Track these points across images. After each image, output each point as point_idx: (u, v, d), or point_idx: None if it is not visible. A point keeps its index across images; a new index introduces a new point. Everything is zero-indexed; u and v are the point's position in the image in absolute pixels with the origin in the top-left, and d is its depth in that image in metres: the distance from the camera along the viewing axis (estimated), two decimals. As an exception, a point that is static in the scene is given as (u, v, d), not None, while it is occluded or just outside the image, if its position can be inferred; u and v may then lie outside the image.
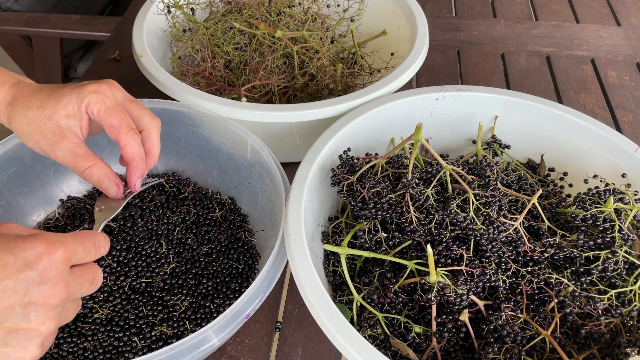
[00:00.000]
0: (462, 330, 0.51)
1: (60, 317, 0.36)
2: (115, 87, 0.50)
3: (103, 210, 0.55)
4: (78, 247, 0.37)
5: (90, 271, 0.39)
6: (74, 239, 0.37)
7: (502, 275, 0.53)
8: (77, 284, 0.37)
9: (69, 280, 0.36)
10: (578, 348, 0.51)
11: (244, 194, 0.69)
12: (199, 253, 0.63)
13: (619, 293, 0.51)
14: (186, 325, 0.56)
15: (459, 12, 1.17)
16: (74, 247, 0.37)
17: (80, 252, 0.38)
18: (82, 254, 0.38)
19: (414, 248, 0.56)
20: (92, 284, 0.39)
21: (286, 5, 0.80)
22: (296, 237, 0.50)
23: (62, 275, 0.35)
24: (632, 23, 1.14)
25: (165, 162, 0.73)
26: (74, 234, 0.38)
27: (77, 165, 0.49)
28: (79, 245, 0.37)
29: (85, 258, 0.39)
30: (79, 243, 0.38)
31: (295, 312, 0.62)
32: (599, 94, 0.95)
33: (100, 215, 0.55)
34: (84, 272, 0.38)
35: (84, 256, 0.38)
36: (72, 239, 0.37)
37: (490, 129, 0.69)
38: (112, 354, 0.54)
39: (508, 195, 0.56)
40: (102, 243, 0.41)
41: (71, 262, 0.37)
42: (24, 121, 0.48)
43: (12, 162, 0.62)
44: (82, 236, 0.39)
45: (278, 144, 0.69)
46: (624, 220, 0.52)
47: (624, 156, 0.61)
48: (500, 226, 0.52)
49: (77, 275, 0.37)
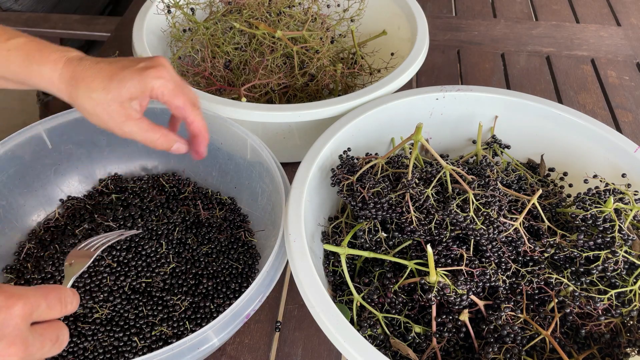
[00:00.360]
0: (462, 330, 0.51)
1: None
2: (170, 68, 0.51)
3: (73, 265, 0.55)
4: (40, 301, 0.34)
5: (53, 329, 0.36)
6: (36, 293, 0.34)
7: (502, 275, 0.53)
8: (38, 342, 0.34)
9: (27, 338, 0.33)
10: (578, 348, 0.51)
11: (244, 194, 0.69)
12: (199, 253, 0.63)
13: (619, 293, 0.51)
14: (186, 325, 0.56)
15: (459, 12, 1.17)
16: (36, 301, 0.34)
17: (42, 308, 0.34)
18: (45, 309, 0.35)
19: (414, 248, 0.56)
20: (56, 344, 0.36)
21: (286, 5, 0.80)
22: (296, 237, 0.50)
23: (20, 331, 0.32)
24: (632, 23, 1.14)
25: (165, 162, 0.73)
26: (38, 287, 0.35)
27: (147, 139, 0.51)
28: (41, 300, 0.34)
29: (48, 314, 0.35)
30: (41, 297, 0.35)
31: (295, 312, 0.62)
32: (599, 94, 0.95)
33: (70, 270, 0.55)
34: (47, 330, 0.35)
35: (48, 312, 0.35)
36: (34, 292, 0.34)
37: (490, 129, 0.69)
38: (112, 354, 0.54)
39: (508, 195, 0.56)
40: (69, 299, 0.37)
41: (32, 318, 0.34)
42: (88, 103, 0.49)
43: (12, 162, 0.62)
44: (46, 290, 0.36)
45: (278, 144, 0.69)
46: (624, 220, 0.52)
47: (624, 156, 0.61)
48: (500, 226, 0.52)
49: (38, 334, 0.34)
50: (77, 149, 0.68)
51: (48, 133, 0.64)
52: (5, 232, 0.62)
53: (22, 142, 0.62)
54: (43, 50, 0.49)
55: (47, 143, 0.65)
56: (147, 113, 0.67)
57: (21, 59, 0.49)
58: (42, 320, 0.35)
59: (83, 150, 0.68)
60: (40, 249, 0.62)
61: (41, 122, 0.64)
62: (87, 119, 0.50)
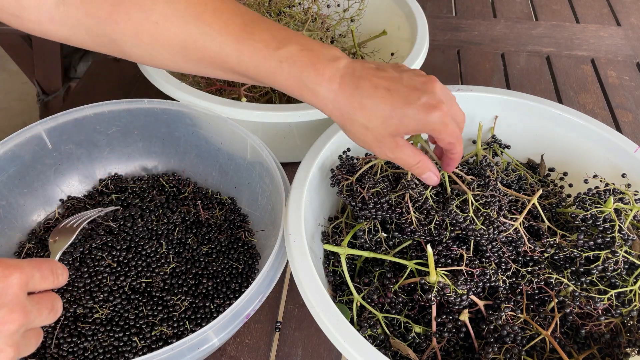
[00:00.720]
0: (462, 330, 0.51)
1: (19, 346, 0.34)
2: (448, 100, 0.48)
3: (57, 241, 0.57)
4: (35, 272, 0.36)
5: (49, 298, 0.37)
6: (30, 264, 0.36)
7: (502, 275, 0.53)
8: (36, 310, 0.36)
9: (26, 305, 0.34)
10: (578, 348, 0.51)
11: (244, 194, 0.69)
12: (199, 253, 0.63)
13: (619, 293, 0.51)
14: (186, 325, 0.56)
15: (459, 12, 1.17)
16: (30, 271, 0.35)
17: (37, 278, 0.36)
18: (39, 279, 0.36)
19: (414, 248, 0.56)
20: (52, 312, 0.37)
21: (286, 5, 0.80)
22: (296, 237, 0.50)
23: (19, 299, 0.34)
24: (632, 23, 1.14)
25: (165, 162, 0.73)
26: (31, 259, 0.37)
27: (407, 164, 0.49)
28: (35, 271, 0.36)
29: (42, 284, 0.37)
30: (35, 268, 0.36)
31: (295, 312, 0.62)
32: (599, 94, 0.95)
33: (55, 246, 0.56)
34: (42, 299, 0.37)
35: (41, 282, 0.37)
36: (28, 263, 0.36)
37: (490, 129, 0.69)
38: (112, 354, 0.54)
39: (508, 195, 0.56)
40: (59, 271, 0.39)
41: (28, 287, 0.35)
42: (361, 132, 0.48)
43: (12, 162, 0.62)
44: (39, 262, 0.37)
45: (278, 144, 0.69)
46: (624, 220, 0.52)
47: (624, 156, 0.61)
48: (500, 226, 0.52)
49: (34, 302, 0.36)
50: (77, 149, 0.68)
51: (48, 133, 0.64)
52: (5, 232, 0.62)
53: (22, 142, 0.62)
54: (317, 65, 0.46)
55: (47, 143, 0.65)
56: (147, 113, 0.68)
57: (294, 74, 0.47)
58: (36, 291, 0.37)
59: (83, 150, 0.68)
60: (40, 249, 0.62)
61: (41, 122, 0.64)
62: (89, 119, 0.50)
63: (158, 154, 0.72)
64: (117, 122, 0.68)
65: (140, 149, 0.71)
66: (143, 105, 0.67)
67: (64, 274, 0.39)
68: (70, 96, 0.92)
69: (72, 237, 0.57)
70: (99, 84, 0.93)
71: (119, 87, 0.91)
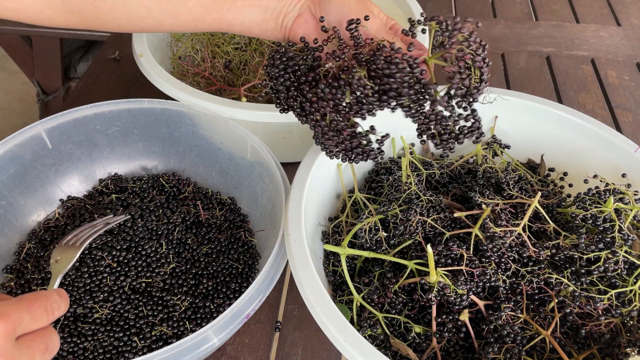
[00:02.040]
0: (462, 330, 0.51)
1: None
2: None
3: (60, 261, 0.54)
4: (23, 315, 0.34)
5: (42, 338, 0.36)
6: (18, 307, 0.34)
7: (502, 275, 0.53)
8: (26, 355, 0.34)
9: (14, 355, 0.33)
10: (578, 348, 0.51)
11: (244, 194, 0.69)
12: (199, 253, 0.63)
13: (619, 293, 0.51)
14: (186, 325, 0.56)
15: (459, 12, 1.17)
16: (18, 316, 0.34)
17: (26, 321, 0.34)
18: (30, 322, 0.35)
19: (414, 248, 0.56)
20: (47, 352, 0.36)
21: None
22: (296, 237, 0.50)
23: (5, 350, 0.32)
24: (632, 23, 1.14)
25: (165, 162, 0.73)
26: (20, 299, 0.35)
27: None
28: (24, 314, 0.34)
29: (34, 326, 0.35)
30: (24, 311, 0.34)
31: (295, 312, 0.62)
32: (599, 94, 0.95)
33: (56, 268, 0.53)
34: (34, 340, 0.35)
35: (33, 324, 0.35)
36: (16, 307, 0.34)
37: (490, 129, 0.69)
38: (112, 354, 0.54)
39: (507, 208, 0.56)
40: (56, 305, 0.37)
41: (16, 333, 0.34)
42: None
43: (12, 162, 0.62)
44: (29, 302, 0.35)
45: (278, 144, 0.69)
46: (624, 220, 0.52)
47: (624, 156, 0.61)
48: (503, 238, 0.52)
49: (25, 346, 0.34)
50: (77, 149, 0.68)
51: (48, 133, 0.64)
52: (5, 232, 0.62)
53: (22, 142, 0.62)
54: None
55: (47, 143, 0.65)
56: (147, 113, 0.68)
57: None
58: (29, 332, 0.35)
59: (83, 150, 0.68)
60: (40, 249, 0.62)
61: (41, 122, 0.64)
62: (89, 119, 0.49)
63: (158, 154, 0.72)
64: (117, 122, 0.68)
65: (140, 149, 0.71)
66: (143, 105, 0.67)
67: (61, 307, 0.38)
68: (70, 96, 0.92)
69: (74, 257, 0.54)
70: (99, 84, 0.93)
71: (119, 87, 0.91)
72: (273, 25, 0.52)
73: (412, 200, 0.57)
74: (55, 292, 0.38)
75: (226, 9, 0.51)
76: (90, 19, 0.51)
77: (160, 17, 0.51)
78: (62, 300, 0.38)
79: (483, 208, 0.55)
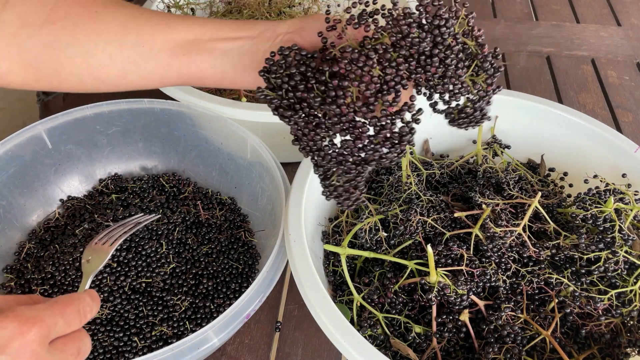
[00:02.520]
0: (462, 330, 0.51)
1: None
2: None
3: (91, 261, 0.53)
4: (57, 320, 0.34)
5: (74, 342, 0.35)
6: (52, 312, 0.34)
7: (503, 275, 0.53)
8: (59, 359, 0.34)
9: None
10: (578, 348, 0.51)
11: (244, 194, 0.69)
12: (199, 253, 0.63)
13: (619, 293, 0.51)
14: (186, 325, 0.56)
15: (459, 12, 1.17)
16: (52, 321, 0.33)
17: (60, 325, 0.34)
18: (63, 326, 0.34)
19: (414, 248, 0.56)
20: (78, 356, 0.35)
21: (286, 5, 0.80)
22: (296, 237, 0.50)
23: (39, 356, 0.32)
24: (632, 23, 1.14)
25: (165, 162, 0.73)
26: (53, 303, 0.34)
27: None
28: (58, 318, 0.34)
29: (67, 329, 0.35)
30: (58, 315, 0.34)
31: (295, 312, 0.62)
32: (599, 94, 0.95)
33: (88, 268, 0.52)
34: (67, 344, 0.35)
35: (66, 328, 0.35)
36: (50, 311, 0.33)
37: (490, 129, 0.69)
38: (112, 354, 0.54)
39: (507, 209, 0.56)
40: (88, 307, 0.37)
41: (50, 337, 0.33)
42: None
43: (12, 162, 0.62)
44: (63, 305, 0.35)
45: (278, 144, 0.69)
46: (624, 220, 0.52)
47: (624, 156, 0.61)
48: (503, 238, 0.52)
49: (58, 350, 0.34)
50: (77, 149, 0.68)
51: (48, 133, 0.64)
52: (5, 232, 0.62)
53: (22, 142, 0.62)
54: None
55: (47, 143, 0.65)
56: (147, 113, 0.68)
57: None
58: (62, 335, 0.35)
59: (83, 150, 0.68)
60: (40, 249, 0.62)
61: (41, 122, 0.64)
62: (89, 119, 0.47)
63: (158, 154, 0.72)
64: (117, 122, 0.68)
65: (140, 149, 0.71)
66: (143, 105, 0.67)
67: (93, 309, 0.37)
68: (70, 96, 0.92)
69: (106, 257, 0.54)
70: (99, 84, 0.92)
71: (119, 87, 0.91)
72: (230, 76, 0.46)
73: (412, 200, 0.57)
74: (87, 293, 0.38)
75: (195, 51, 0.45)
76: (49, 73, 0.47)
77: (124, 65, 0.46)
78: (94, 302, 0.38)
79: (483, 208, 0.55)
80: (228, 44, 0.45)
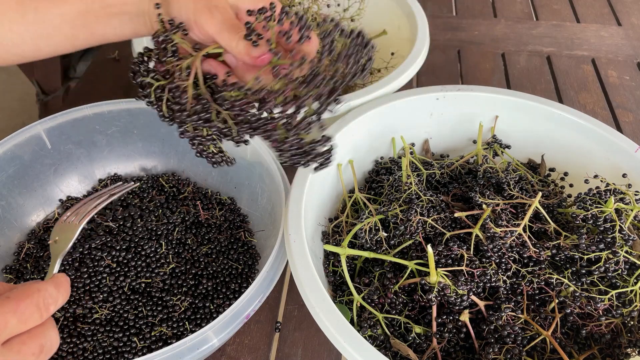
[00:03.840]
0: (462, 330, 0.51)
1: None
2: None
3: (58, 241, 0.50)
4: (8, 319, 0.30)
5: (35, 339, 0.32)
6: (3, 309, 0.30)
7: (503, 276, 0.52)
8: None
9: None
10: (579, 348, 0.51)
11: (244, 194, 0.69)
12: (199, 253, 0.63)
13: (619, 293, 0.51)
14: (186, 325, 0.56)
15: (459, 11, 1.17)
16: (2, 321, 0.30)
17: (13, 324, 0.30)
18: (17, 325, 0.31)
19: (414, 248, 0.56)
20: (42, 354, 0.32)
21: (286, 5, 0.80)
22: (296, 237, 0.50)
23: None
24: (632, 23, 1.13)
25: (165, 162, 0.73)
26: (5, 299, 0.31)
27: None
28: (9, 317, 0.30)
29: (24, 327, 0.31)
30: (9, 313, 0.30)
31: (295, 312, 0.62)
32: (599, 94, 0.95)
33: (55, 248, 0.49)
34: (25, 343, 0.31)
35: (22, 326, 0.31)
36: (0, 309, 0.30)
37: (490, 129, 0.69)
38: (112, 354, 0.54)
39: (507, 209, 0.56)
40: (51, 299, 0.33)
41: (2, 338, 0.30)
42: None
43: (11, 162, 0.62)
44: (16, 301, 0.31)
45: (278, 144, 0.69)
46: (624, 220, 0.52)
47: (624, 156, 0.61)
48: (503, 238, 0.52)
49: (14, 352, 0.30)
50: (76, 149, 0.68)
51: (47, 133, 0.64)
52: (5, 232, 0.62)
53: (22, 142, 0.62)
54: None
55: (46, 143, 0.65)
56: (147, 113, 0.67)
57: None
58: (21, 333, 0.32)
59: (83, 150, 0.68)
60: (40, 249, 0.62)
61: (41, 122, 0.64)
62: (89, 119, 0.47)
63: (157, 154, 0.72)
64: (117, 122, 0.68)
65: (140, 149, 0.71)
66: (143, 105, 0.67)
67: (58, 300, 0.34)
68: (70, 96, 0.92)
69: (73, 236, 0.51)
70: (99, 84, 0.93)
71: (119, 87, 0.91)
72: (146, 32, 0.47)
73: (412, 200, 0.56)
74: (51, 282, 0.34)
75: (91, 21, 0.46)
76: None
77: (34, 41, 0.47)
78: (59, 291, 0.34)
79: (483, 208, 0.55)
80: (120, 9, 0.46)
